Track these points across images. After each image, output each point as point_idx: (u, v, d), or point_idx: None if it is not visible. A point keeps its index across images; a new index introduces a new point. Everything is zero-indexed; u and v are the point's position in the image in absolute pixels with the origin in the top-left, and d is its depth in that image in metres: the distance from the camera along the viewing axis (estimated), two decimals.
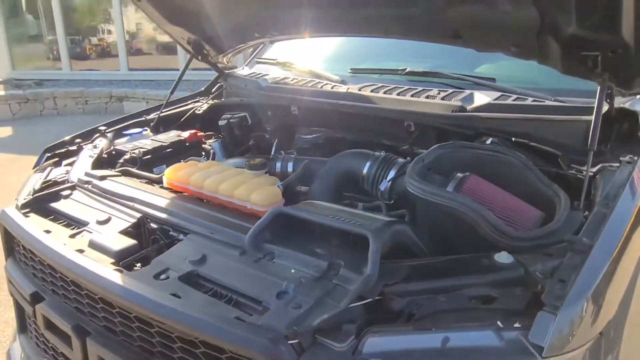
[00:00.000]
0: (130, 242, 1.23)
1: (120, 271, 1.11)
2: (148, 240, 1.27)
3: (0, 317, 2.87)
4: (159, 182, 1.64)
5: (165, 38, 10.57)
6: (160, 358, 1.06)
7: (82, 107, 8.02)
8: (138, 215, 1.37)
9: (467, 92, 1.74)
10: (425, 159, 1.36)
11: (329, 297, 0.99)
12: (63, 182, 1.69)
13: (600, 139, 1.44)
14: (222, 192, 1.37)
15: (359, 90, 1.88)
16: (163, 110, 2.24)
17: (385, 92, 1.83)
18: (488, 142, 1.56)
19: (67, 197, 1.53)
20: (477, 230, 1.13)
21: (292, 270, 1.07)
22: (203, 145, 2.04)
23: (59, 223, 1.42)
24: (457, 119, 1.65)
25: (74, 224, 1.41)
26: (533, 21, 1.36)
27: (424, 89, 1.80)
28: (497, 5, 1.38)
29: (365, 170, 1.47)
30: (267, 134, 2.14)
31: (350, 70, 2.12)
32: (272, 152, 2.20)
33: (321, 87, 1.99)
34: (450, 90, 1.77)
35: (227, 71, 2.42)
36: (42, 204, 1.50)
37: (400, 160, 1.48)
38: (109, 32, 9.92)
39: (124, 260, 1.18)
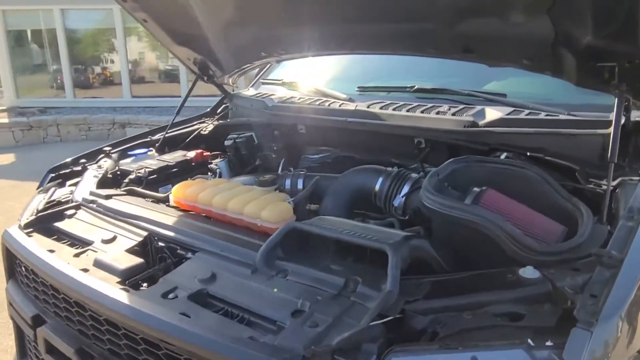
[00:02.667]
0: (136, 260, 1.18)
1: (127, 290, 1.06)
2: (155, 258, 1.23)
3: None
4: (165, 201, 1.60)
5: (167, 66, 10.76)
6: None
7: (85, 133, 8.05)
8: (144, 233, 1.33)
9: (479, 107, 1.71)
10: (440, 174, 1.32)
11: (347, 315, 0.93)
12: (67, 202, 1.66)
13: (618, 152, 1.41)
14: (232, 209, 1.33)
15: (368, 107, 1.85)
16: (168, 131, 2.22)
17: (394, 109, 1.80)
18: (502, 157, 1.52)
19: (71, 216, 1.49)
20: (499, 244, 1.08)
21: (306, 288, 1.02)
22: (209, 165, 2.01)
23: (63, 242, 1.38)
24: (469, 135, 1.62)
25: (78, 243, 1.37)
26: (547, 33, 1.34)
27: (433, 106, 1.78)
28: (509, 17, 1.36)
29: (377, 187, 1.43)
30: (273, 153, 2.11)
31: (357, 89, 2.10)
32: (280, 171, 2.18)
33: (328, 105, 1.97)
34: (461, 106, 1.74)
35: (232, 92, 2.41)
36: (45, 223, 1.46)
37: (414, 175, 1.44)
38: (112, 61, 10.05)
39: (130, 279, 1.13)
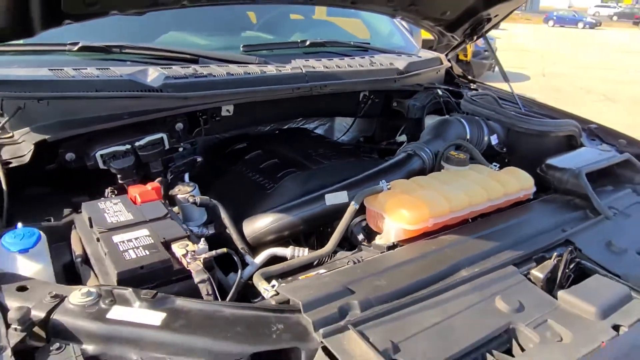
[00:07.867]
0: None
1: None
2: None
3: None
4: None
5: None
6: None
7: None
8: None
9: (377, 55, 1.85)
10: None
11: None
12: None
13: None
14: (491, 196, 1.10)
15: (315, 68, 1.58)
16: None
17: (337, 66, 1.64)
18: (441, 92, 1.83)
19: None
20: None
21: None
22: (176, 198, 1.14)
23: None
24: (404, 80, 1.79)
25: None
26: None
27: (355, 58, 1.76)
28: None
29: (469, 134, 1.46)
30: (197, 156, 1.38)
31: (243, 47, 1.60)
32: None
33: (261, 72, 1.47)
34: (366, 56, 1.81)
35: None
36: None
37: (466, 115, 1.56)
38: None
39: None
